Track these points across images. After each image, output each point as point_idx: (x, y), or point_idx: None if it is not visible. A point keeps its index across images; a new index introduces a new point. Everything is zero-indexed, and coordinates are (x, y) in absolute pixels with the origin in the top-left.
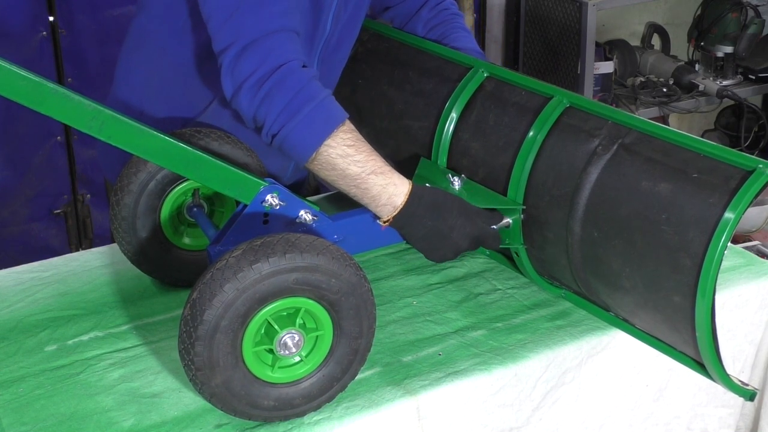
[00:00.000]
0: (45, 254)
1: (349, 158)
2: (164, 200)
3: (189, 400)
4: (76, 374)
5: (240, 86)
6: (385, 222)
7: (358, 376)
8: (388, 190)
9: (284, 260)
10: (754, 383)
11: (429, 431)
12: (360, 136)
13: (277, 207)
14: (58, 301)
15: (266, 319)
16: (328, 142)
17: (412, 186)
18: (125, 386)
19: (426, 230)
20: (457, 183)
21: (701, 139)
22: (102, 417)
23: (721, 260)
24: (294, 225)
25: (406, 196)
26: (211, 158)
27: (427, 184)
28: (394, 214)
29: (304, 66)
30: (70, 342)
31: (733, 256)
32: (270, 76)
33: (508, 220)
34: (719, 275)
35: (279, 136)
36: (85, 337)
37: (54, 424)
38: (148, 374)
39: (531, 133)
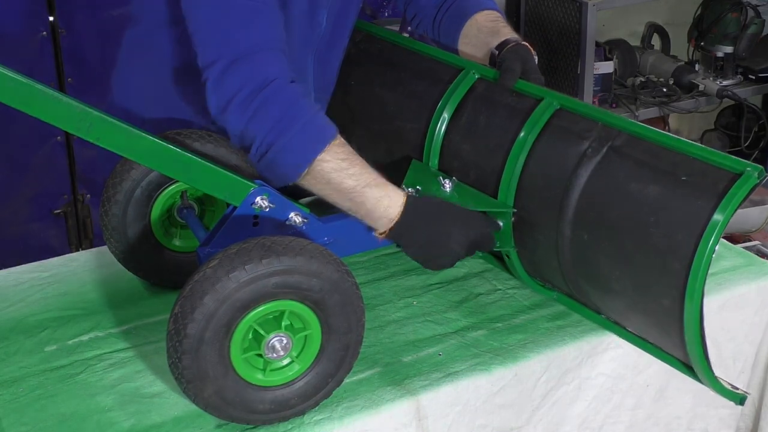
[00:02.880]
0: (45, 254)
1: (344, 171)
2: (153, 205)
3: (189, 400)
4: (76, 374)
5: (227, 103)
6: (381, 234)
7: (358, 376)
8: (383, 202)
9: (261, 266)
10: (755, 384)
11: (429, 431)
12: (352, 150)
13: (267, 209)
14: (58, 301)
15: (251, 326)
16: (322, 156)
17: (407, 197)
18: (125, 386)
19: (423, 240)
20: (447, 185)
21: (691, 141)
22: (102, 417)
23: (710, 263)
24: (284, 227)
25: (402, 208)
26: (200, 160)
27: (419, 187)
28: (391, 226)
29: (292, 82)
30: (70, 342)
31: (733, 256)
32: (259, 92)
33: (499, 222)
34: (719, 276)
35: (270, 153)
36: (85, 338)
37: (54, 424)
38: (148, 374)
39: (521, 135)
